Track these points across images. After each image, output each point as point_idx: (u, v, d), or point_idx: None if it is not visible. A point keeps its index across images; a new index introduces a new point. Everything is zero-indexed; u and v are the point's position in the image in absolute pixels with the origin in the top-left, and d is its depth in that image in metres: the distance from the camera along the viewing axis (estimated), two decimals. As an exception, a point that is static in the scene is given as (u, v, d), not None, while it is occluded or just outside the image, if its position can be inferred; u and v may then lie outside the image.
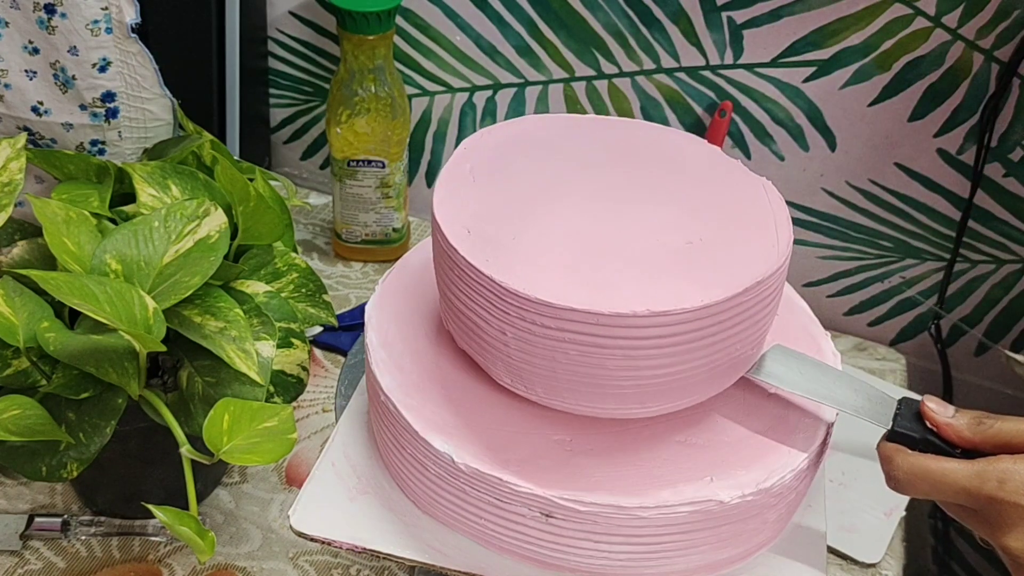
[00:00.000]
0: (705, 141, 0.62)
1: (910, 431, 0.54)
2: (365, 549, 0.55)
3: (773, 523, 0.57)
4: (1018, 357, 0.75)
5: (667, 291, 0.50)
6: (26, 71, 0.79)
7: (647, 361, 0.51)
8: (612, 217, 0.55)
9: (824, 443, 0.58)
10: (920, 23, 0.92)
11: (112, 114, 0.81)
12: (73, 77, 0.79)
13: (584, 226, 0.54)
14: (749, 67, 0.99)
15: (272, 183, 0.78)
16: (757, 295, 0.52)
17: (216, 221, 0.69)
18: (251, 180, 0.71)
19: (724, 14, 0.97)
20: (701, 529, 0.53)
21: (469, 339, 0.56)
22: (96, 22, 0.78)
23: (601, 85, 1.05)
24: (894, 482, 0.53)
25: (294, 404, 0.69)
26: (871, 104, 0.97)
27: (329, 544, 0.56)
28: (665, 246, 0.53)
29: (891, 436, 0.55)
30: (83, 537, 0.76)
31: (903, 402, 0.56)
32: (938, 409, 0.53)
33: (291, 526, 0.56)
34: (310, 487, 0.58)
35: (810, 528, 0.60)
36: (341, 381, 0.67)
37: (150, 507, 0.57)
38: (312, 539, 0.56)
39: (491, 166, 0.58)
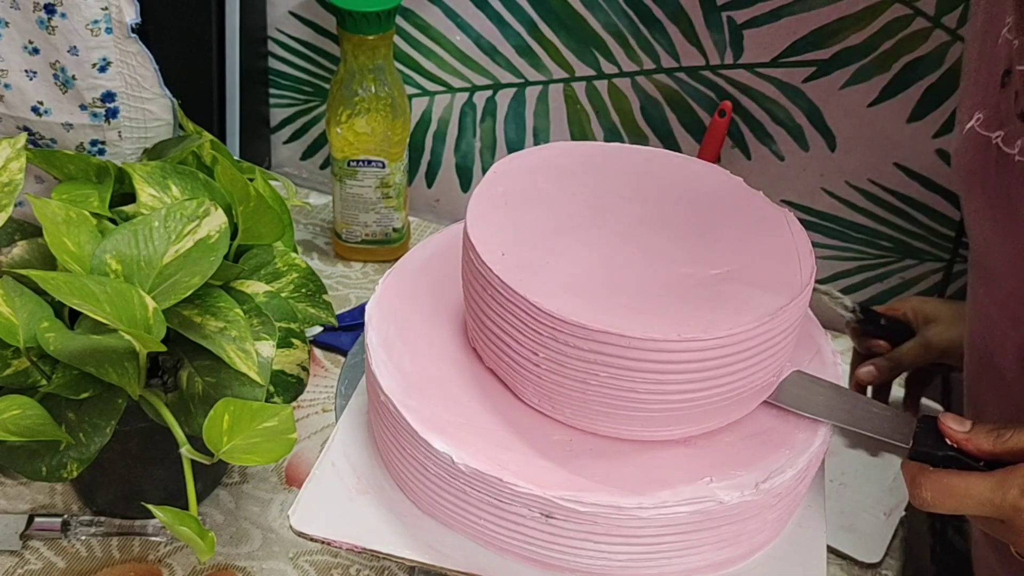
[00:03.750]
0: (727, 171, 0.64)
1: (931, 448, 0.54)
2: (365, 549, 0.56)
3: (773, 523, 0.57)
4: (830, 291, 0.80)
5: (696, 318, 0.51)
6: (26, 71, 0.79)
7: (676, 386, 0.52)
8: (640, 247, 0.57)
9: (824, 443, 0.58)
10: (920, 23, 0.92)
11: (112, 114, 0.81)
12: (73, 77, 0.79)
13: (614, 255, 0.56)
14: (749, 67, 0.99)
15: (272, 183, 0.78)
16: (782, 323, 0.53)
17: (216, 221, 0.69)
18: (251, 180, 0.71)
19: (724, 14, 0.97)
20: (701, 530, 0.53)
21: (499, 359, 0.56)
22: (96, 22, 0.78)
23: (601, 85, 1.05)
24: (921, 501, 0.54)
25: (294, 404, 0.69)
26: (871, 104, 0.97)
27: (329, 544, 0.56)
28: (692, 276, 0.55)
29: (913, 455, 0.55)
30: (83, 537, 0.76)
31: (922, 420, 0.56)
32: (955, 426, 0.54)
33: (291, 526, 0.56)
34: (310, 487, 0.58)
35: (810, 528, 0.60)
36: (341, 381, 0.67)
37: (150, 507, 0.57)
38: (312, 539, 0.56)
39: (522, 191, 0.60)
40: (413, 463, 0.56)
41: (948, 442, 0.54)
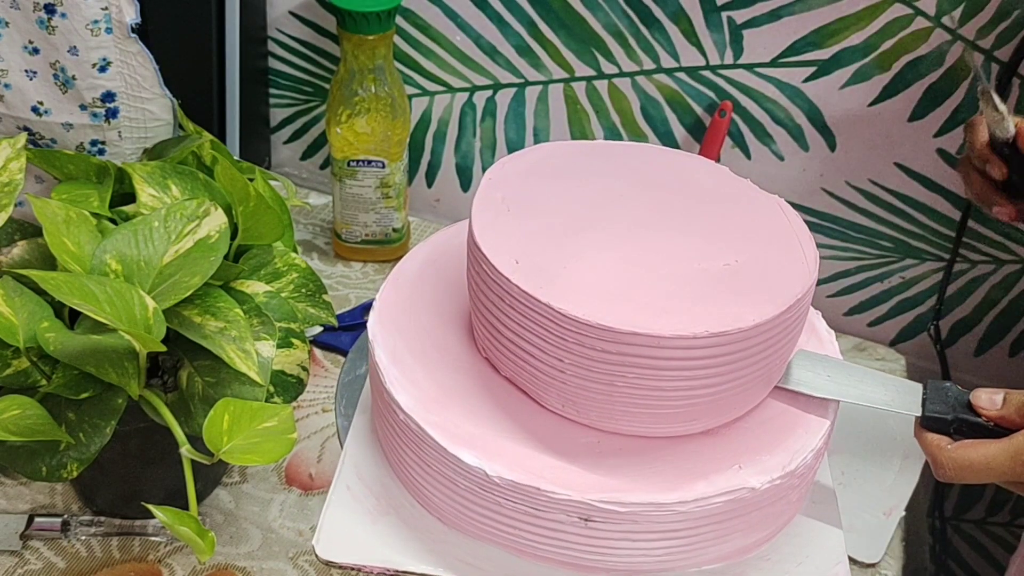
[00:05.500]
0: (713, 162, 0.65)
1: (941, 414, 0.56)
2: (398, 572, 0.55)
3: (795, 503, 0.58)
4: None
5: (720, 313, 0.52)
6: (26, 71, 0.79)
7: (701, 380, 0.52)
8: (649, 245, 0.57)
9: (834, 420, 0.59)
10: (920, 23, 0.92)
11: (112, 114, 0.81)
12: (73, 77, 0.79)
13: (625, 255, 0.56)
14: (749, 67, 0.99)
15: (272, 183, 0.78)
16: (798, 310, 0.54)
17: (216, 221, 0.68)
18: (251, 180, 0.71)
19: (724, 14, 0.97)
20: (734, 517, 0.54)
21: (518, 367, 0.56)
22: (96, 22, 0.78)
23: (601, 85, 1.05)
24: (943, 479, 0.55)
25: (294, 404, 0.69)
26: (871, 104, 0.97)
27: (359, 570, 0.55)
28: (705, 271, 0.55)
29: (924, 422, 0.56)
30: (83, 537, 0.76)
31: (928, 385, 0.57)
32: (988, 405, 0.55)
33: (317, 555, 0.55)
34: (329, 513, 0.57)
35: (824, 503, 0.61)
36: (339, 400, 0.66)
37: (150, 507, 0.57)
38: (341, 567, 0.55)
39: (521, 195, 0.59)
40: (440, 479, 0.55)
41: (956, 404, 0.56)
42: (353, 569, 0.55)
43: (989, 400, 0.55)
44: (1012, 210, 0.75)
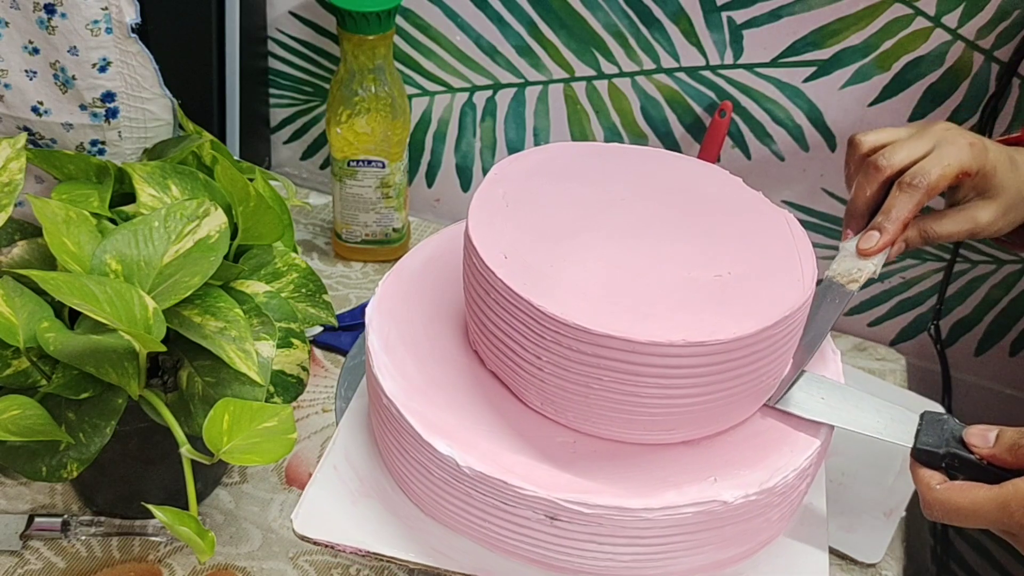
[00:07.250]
0: (727, 172, 0.64)
1: (933, 447, 0.55)
2: (369, 552, 0.55)
3: (776, 521, 0.57)
4: None
5: (701, 322, 0.51)
6: (26, 71, 0.79)
7: (679, 390, 0.52)
8: (643, 250, 0.57)
9: (826, 442, 0.58)
10: (920, 23, 0.92)
11: (112, 114, 0.81)
12: (73, 77, 0.79)
13: (616, 258, 0.56)
14: (749, 67, 0.99)
15: (272, 183, 0.78)
16: (785, 328, 0.54)
17: (216, 221, 0.68)
18: (251, 180, 0.71)
19: (724, 14, 0.97)
20: (705, 529, 0.53)
21: (501, 362, 0.56)
22: (96, 22, 0.78)
23: (601, 85, 1.05)
24: (931, 517, 0.55)
25: (294, 404, 0.69)
26: (871, 104, 0.97)
27: (333, 547, 0.56)
28: (696, 280, 0.55)
29: (916, 453, 0.55)
30: (83, 537, 0.76)
31: (924, 417, 0.56)
32: (980, 443, 0.54)
33: (294, 530, 0.56)
34: (312, 490, 0.58)
35: (812, 525, 0.60)
36: (340, 384, 0.67)
37: (150, 507, 0.57)
38: (316, 543, 0.56)
39: (523, 193, 0.59)
40: (416, 466, 0.56)
41: (950, 439, 0.55)
42: (327, 547, 0.55)
43: (981, 437, 0.54)
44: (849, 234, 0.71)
